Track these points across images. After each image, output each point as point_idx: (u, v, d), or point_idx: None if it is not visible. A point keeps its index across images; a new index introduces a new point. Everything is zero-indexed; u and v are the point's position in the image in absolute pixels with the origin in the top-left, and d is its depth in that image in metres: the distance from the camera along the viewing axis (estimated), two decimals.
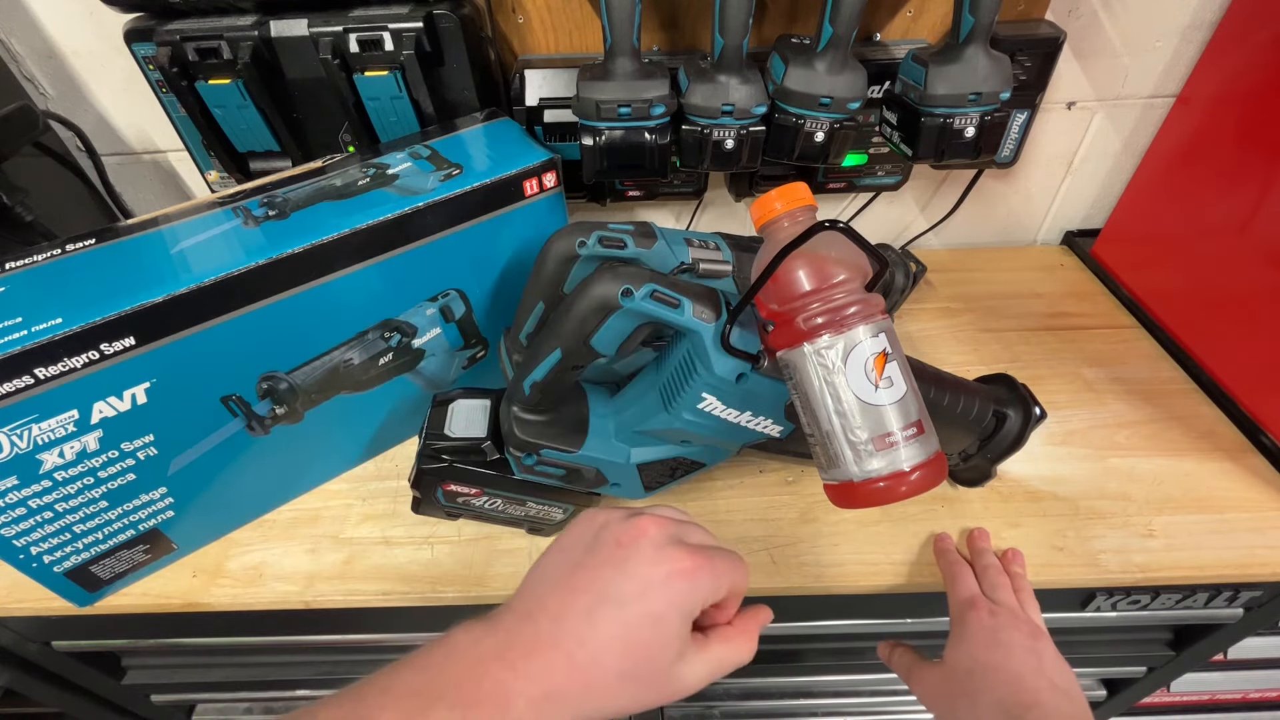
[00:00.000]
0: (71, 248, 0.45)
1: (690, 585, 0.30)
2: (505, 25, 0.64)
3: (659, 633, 0.29)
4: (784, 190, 0.37)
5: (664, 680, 0.30)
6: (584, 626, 0.29)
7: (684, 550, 0.31)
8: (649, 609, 0.29)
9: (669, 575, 0.30)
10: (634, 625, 0.29)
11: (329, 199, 0.49)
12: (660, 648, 0.30)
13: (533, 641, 0.29)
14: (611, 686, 0.29)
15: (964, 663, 0.46)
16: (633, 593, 0.29)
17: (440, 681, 0.28)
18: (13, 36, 0.66)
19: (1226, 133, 0.64)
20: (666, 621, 0.29)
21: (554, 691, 0.28)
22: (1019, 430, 0.51)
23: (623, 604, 0.29)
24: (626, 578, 0.30)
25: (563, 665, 0.28)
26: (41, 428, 0.41)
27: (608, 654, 0.29)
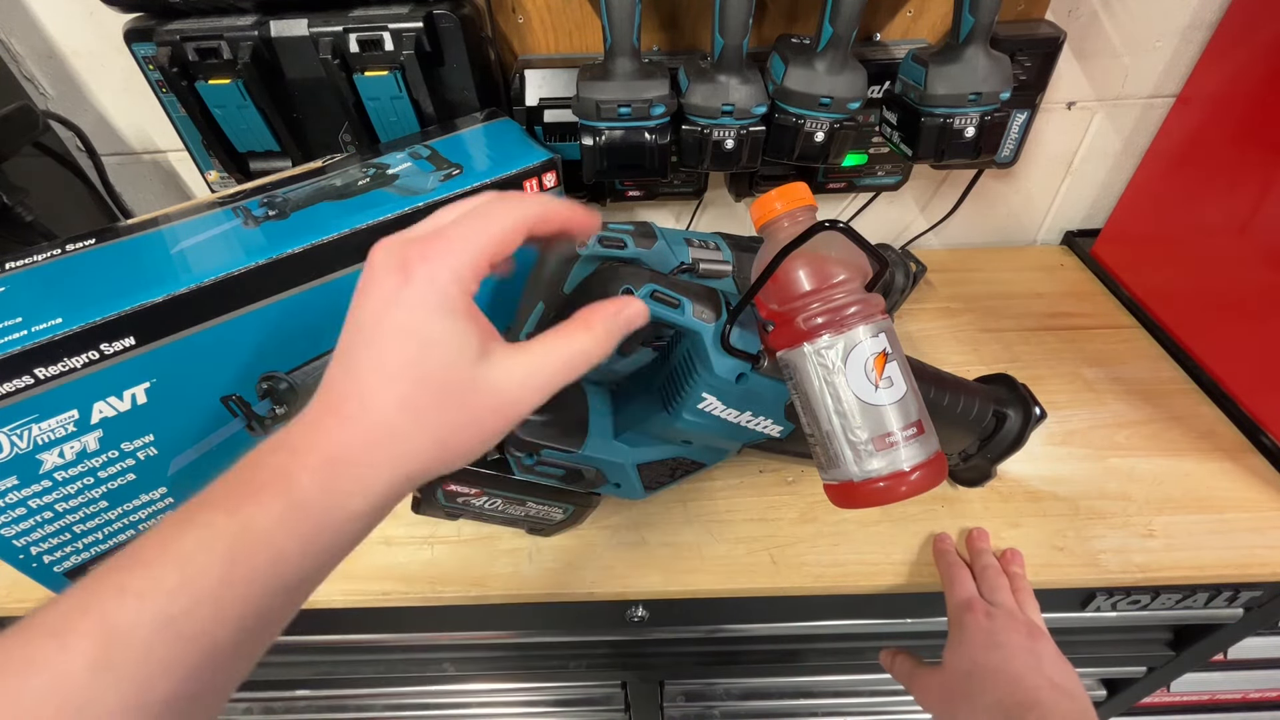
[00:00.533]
0: (71, 248, 0.45)
1: (426, 279, 0.25)
2: (505, 25, 0.64)
3: (421, 340, 0.25)
4: (784, 190, 0.37)
5: (469, 395, 0.26)
6: (344, 381, 0.25)
7: (403, 250, 0.26)
8: (394, 326, 0.25)
9: (395, 285, 0.25)
10: (387, 348, 0.25)
11: (329, 199, 0.49)
12: (435, 358, 0.25)
13: (302, 420, 0.25)
14: (399, 422, 0.25)
15: (963, 665, 0.45)
16: (370, 321, 0.25)
17: (214, 490, 0.24)
18: (13, 36, 0.66)
19: (1226, 133, 0.64)
20: (421, 326, 0.25)
21: (337, 454, 0.24)
22: (1019, 430, 0.51)
23: (369, 339, 0.25)
24: (363, 314, 0.26)
25: (335, 425, 0.25)
26: (41, 428, 0.41)
27: (374, 391, 0.25)
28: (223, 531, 0.23)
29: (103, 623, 0.21)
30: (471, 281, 0.26)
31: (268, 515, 0.23)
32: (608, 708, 0.79)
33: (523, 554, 0.54)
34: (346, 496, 0.24)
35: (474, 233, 0.26)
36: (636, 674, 0.72)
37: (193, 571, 0.22)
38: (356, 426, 0.25)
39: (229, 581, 0.22)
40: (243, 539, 0.23)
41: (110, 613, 0.21)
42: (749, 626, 0.62)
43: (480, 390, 0.26)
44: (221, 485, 0.24)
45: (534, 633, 0.63)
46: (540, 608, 0.57)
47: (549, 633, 0.63)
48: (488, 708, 0.80)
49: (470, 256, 0.26)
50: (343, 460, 0.24)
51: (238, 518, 0.23)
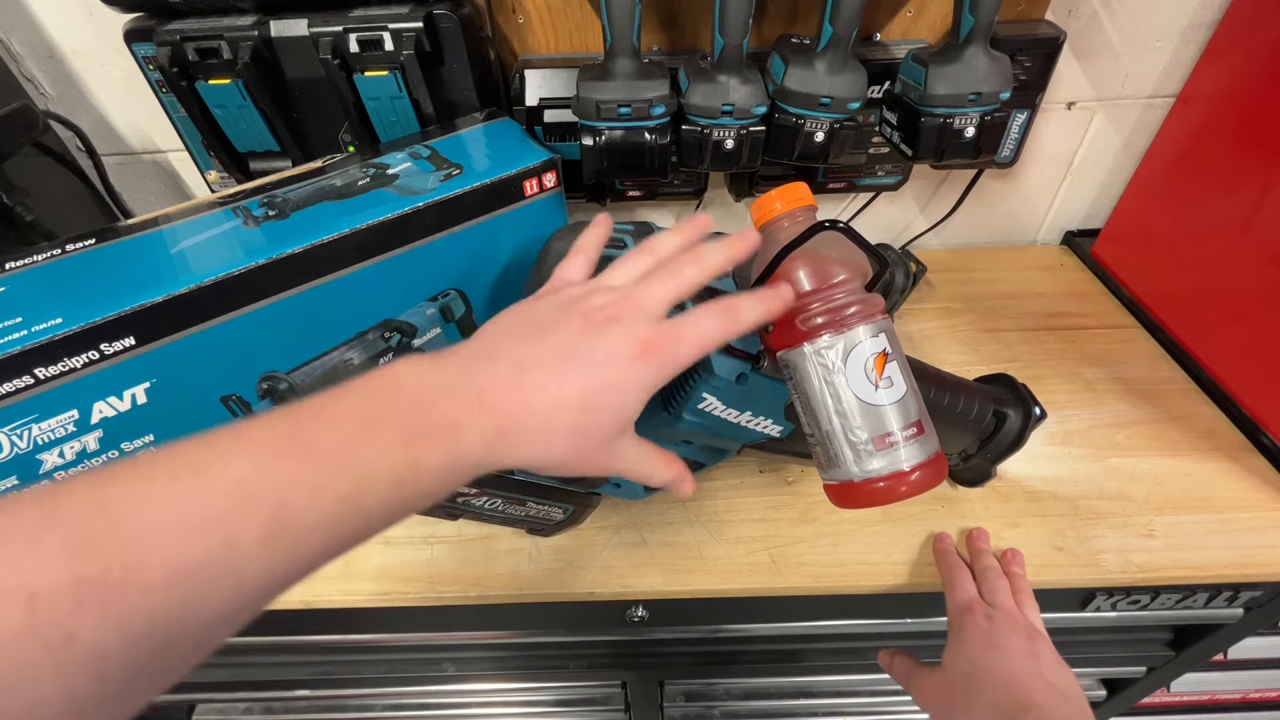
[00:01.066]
0: (71, 248, 0.45)
1: (656, 366, 0.30)
2: (505, 25, 0.64)
3: (616, 401, 0.30)
4: (784, 190, 0.37)
5: (603, 448, 0.31)
6: (549, 379, 0.29)
7: (655, 330, 0.31)
8: (614, 378, 0.29)
9: (635, 356, 0.30)
10: (597, 389, 0.29)
11: (329, 199, 0.49)
12: (613, 416, 0.30)
13: (490, 380, 0.29)
14: (560, 439, 0.29)
15: (961, 667, 0.46)
16: (601, 360, 0.29)
17: (382, 408, 0.27)
18: (13, 36, 0.66)
19: (1226, 133, 0.64)
20: (626, 394, 0.30)
21: (509, 431, 0.28)
22: (1019, 430, 0.51)
23: (591, 368, 0.29)
24: (596, 346, 0.30)
25: (521, 408, 0.28)
26: (41, 428, 0.41)
27: (566, 409, 0.29)
28: (395, 464, 0.26)
29: (280, 505, 0.23)
30: (665, 382, 0.31)
31: (434, 459, 0.26)
32: (608, 708, 0.79)
33: (523, 554, 0.54)
34: (492, 464, 0.28)
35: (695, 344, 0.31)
36: (636, 674, 0.72)
37: (363, 489, 0.25)
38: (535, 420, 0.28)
39: (386, 505, 0.26)
40: (408, 474, 0.26)
41: (287, 499, 0.23)
42: (749, 626, 0.62)
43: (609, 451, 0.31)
44: (400, 407, 0.27)
45: (534, 633, 0.63)
46: (540, 608, 0.57)
47: (549, 633, 0.63)
48: (488, 708, 0.80)
49: (688, 361, 0.31)
50: (509, 438, 0.28)
51: (410, 454, 0.26)
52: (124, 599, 0.20)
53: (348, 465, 0.25)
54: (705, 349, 0.31)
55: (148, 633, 0.20)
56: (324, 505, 0.24)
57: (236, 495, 0.23)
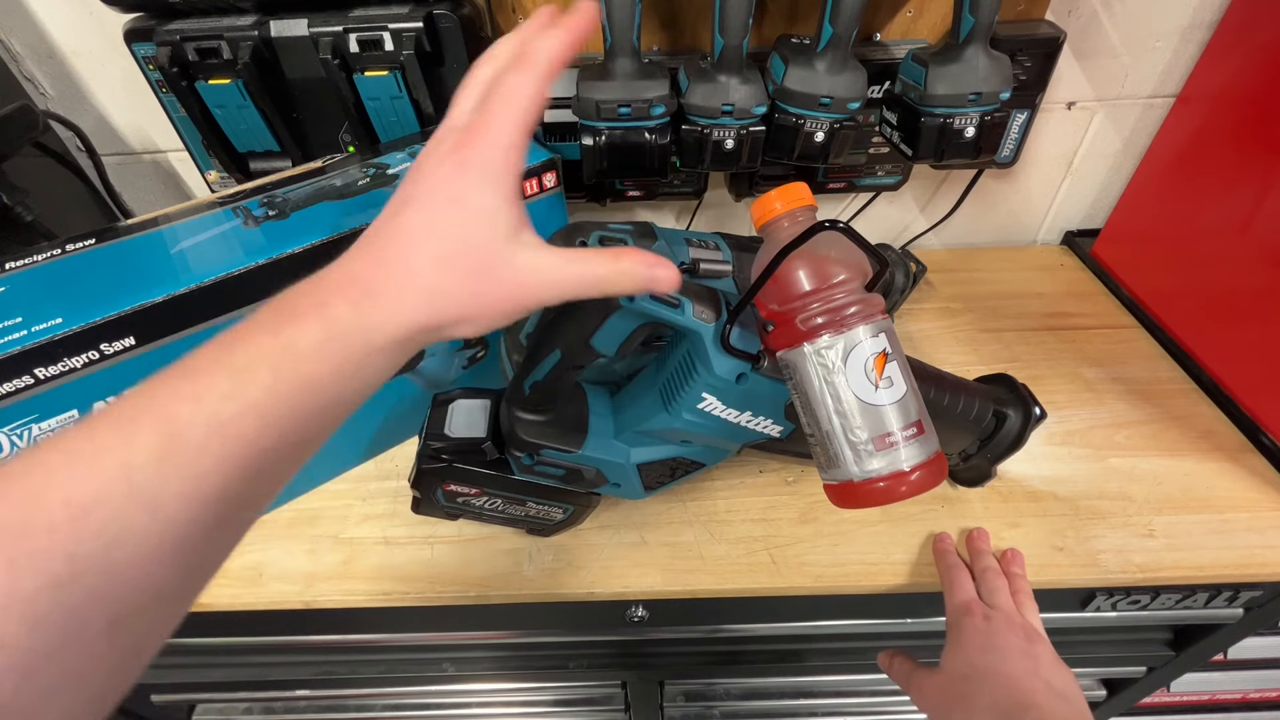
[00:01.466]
0: (71, 248, 0.45)
1: (476, 150, 0.28)
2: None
3: (466, 211, 0.28)
4: (784, 190, 0.37)
5: (493, 266, 0.28)
6: (389, 231, 0.28)
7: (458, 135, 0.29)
8: (447, 193, 0.28)
9: (451, 157, 0.28)
10: (435, 211, 0.28)
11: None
12: (473, 227, 0.28)
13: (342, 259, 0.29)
14: (429, 269, 0.27)
15: (960, 668, 0.46)
16: (429, 187, 0.28)
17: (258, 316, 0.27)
18: (13, 36, 0.66)
19: (1226, 133, 0.64)
20: (470, 198, 0.28)
21: (371, 288, 0.27)
22: (1019, 430, 0.51)
23: (419, 200, 0.28)
24: (421, 178, 0.29)
25: (373, 263, 0.28)
26: (41, 428, 0.41)
27: (415, 242, 0.28)
28: (268, 350, 0.25)
29: (164, 420, 0.23)
30: (516, 161, 0.29)
31: (306, 338, 0.26)
32: (608, 708, 0.79)
33: (523, 554, 0.54)
34: (374, 329, 0.27)
35: (510, 113, 0.28)
36: (636, 674, 0.72)
37: (242, 382, 0.24)
38: (395, 270, 0.27)
39: (273, 393, 0.25)
40: (285, 356, 0.25)
41: (170, 412, 0.23)
42: (749, 626, 0.62)
43: (507, 266, 0.28)
44: (266, 312, 0.27)
45: (534, 633, 0.63)
46: (540, 608, 0.57)
47: (549, 633, 0.63)
48: (488, 708, 0.80)
49: (512, 137, 0.28)
50: (375, 295, 0.27)
51: (281, 338, 0.26)
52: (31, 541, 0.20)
53: (223, 366, 0.25)
54: (518, 105, 0.28)
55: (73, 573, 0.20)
56: (208, 408, 0.23)
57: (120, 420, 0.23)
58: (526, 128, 0.29)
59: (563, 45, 0.29)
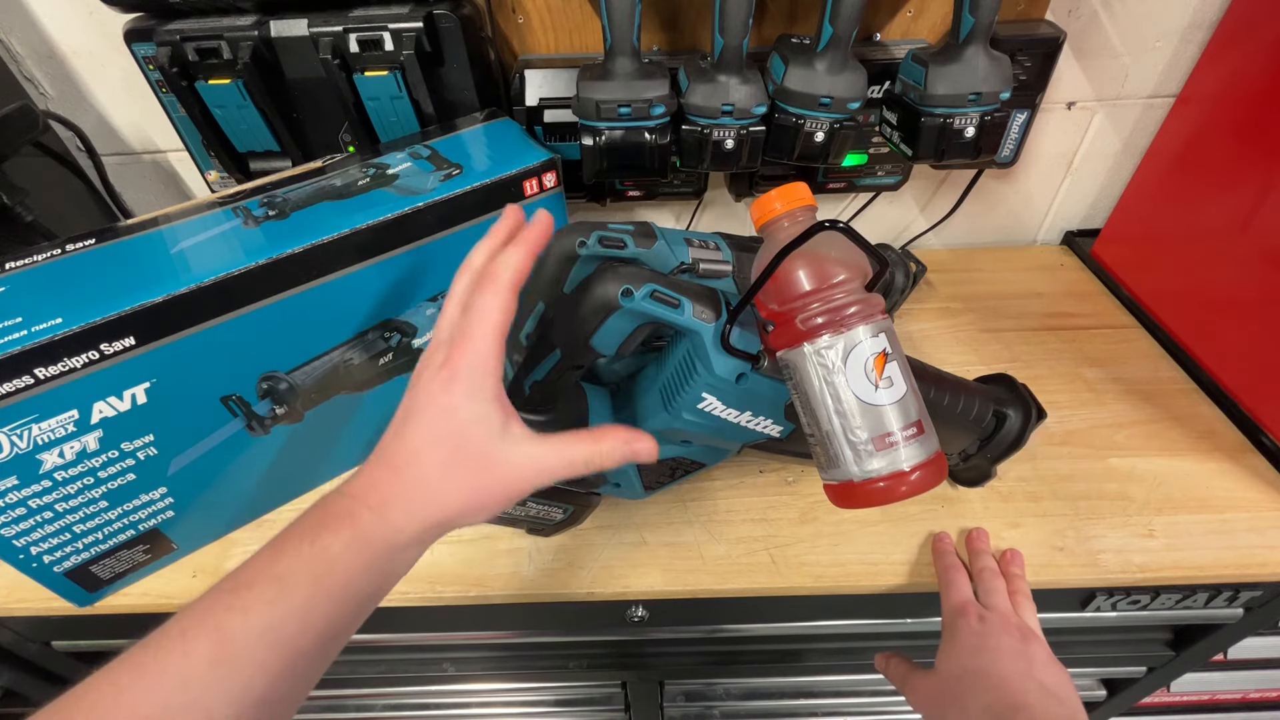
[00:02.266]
0: (71, 248, 0.45)
1: (463, 368, 0.32)
2: (505, 25, 0.64)
3: (459, 422, 0.32)
4: (784, 190, 0.37)
5: (492, 464, 0.33)
6: (397, 443, 0.33)
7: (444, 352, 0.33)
8: (440, 407, 0.32)
9: (445, 378, 0.33)
10: (434, 425, 0.32)
11: (329, 199, 0.49)
12: (469, 433, 0.32)
13: (359, 472, 0.33)
14: (438, 477, 0.32)
15: (954, 669, 0.46)
16: (424, 404, 0.33)
17: (292, 528, 0.31)
18: (13, 36, 0.66)
19: (1226, 133, 0.64)
20: (461, 410, 0.32)
21: (389, 497, 0.31)
22: (1019, 430, 0.51)
23: (420, 414, 0.33)
24: (417, 397, 0.33)
25: (388, 474, 0.32)
26: (41, 428, 0.41)
27: (421, 453, 0.32)
28: (307, 557, 0.30)
29: (217, 630, 0.27)
30: (495, 368, 0.33)
31: (339, 543, 0.30)
32: (608, 708, 0.79)
33: (523, 554, 0.54)
34: (396, 530, 0.31)
35: (485, 330, 0.33)
36: (636, 674, 0.72)
37: (285, 588, 0.29)
38: (406, 478, 0.32)
39: (313, 597, 0.29)
40: (321, 561, 0.30)
41: (223, 622, 0.27)
42: (749, 626, 0.62)
43: (502, 462, 0.33)
44: (303, 521, 0.31)
45: (534, 633, 0.63)
46: (540, 608, 0.57)
47: (549, 633, 0.63)
48: (488, 708, 0.80)
49: (489, 349, 0.33)
50: (393, 501, 0.31)
51: (317, 545, 0.30)
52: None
53: (268, 575, 0.29)
54: (490, 321, 0.33)
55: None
56: (256, 617, 0.28)
57: (181, 636, 0.27)
58: (500, 337, 0.33)
59: (523, 262, 0.34)
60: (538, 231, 0.35)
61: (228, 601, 0.28)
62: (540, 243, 0.35)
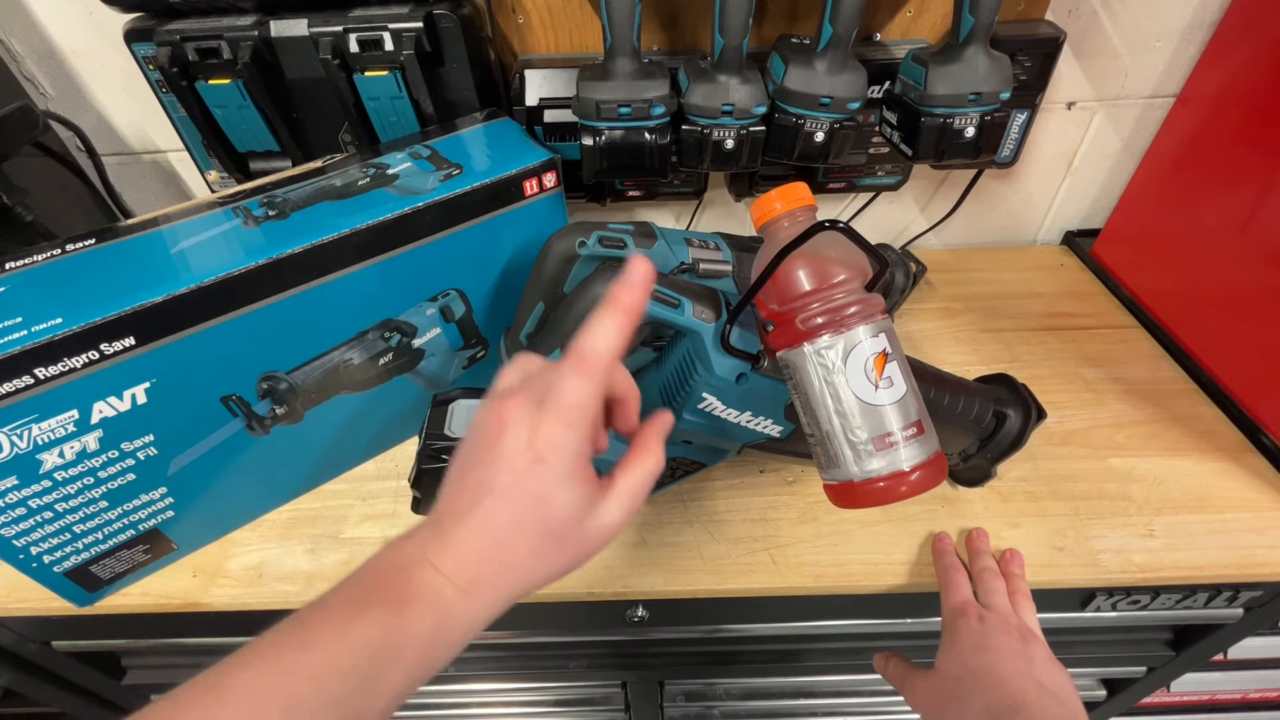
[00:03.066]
0: (71, 248, 0.45)
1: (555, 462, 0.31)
2: (505, 25, 0.64)
3: (547, 509, 0.31)
4: (784, 190, 0.37)
5: (579, 539, 0.32)
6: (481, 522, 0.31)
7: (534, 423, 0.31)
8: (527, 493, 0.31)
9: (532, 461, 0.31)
10: (521, 510, 0.31)
11: (329, 199, 0.49)
12: (556, 520, 0.31)
13: (443, 542, 0.31)
14: (527, 561, 0.31)
15: (953, 669, 0.46)
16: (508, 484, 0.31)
17: (370, 588, 0.30)
18: (13, 36, 0.66)
19: (1226, 133, 0.64)
20: (550, 498, 0.31)
21: (477, 579, 0.31)
22: (1019, 430, 0.51)
23: (503, 495, 0.31)
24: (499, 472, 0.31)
25: (475, 556, 0.31)
26: (41, 428, 0.41)
27: (510, 538, 0.31)
28: (389, 630, 0.29)
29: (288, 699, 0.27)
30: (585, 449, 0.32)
31: (423, 621, 0.29)
32: (608, 708, 0.79)
33: None
34: (478, 611, 0.31)
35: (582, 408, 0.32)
36: (636, 674, 0.72)
37: (358, 662, 0.28)
38: (494, 560, 0.31)
39: (388, 672, 0.29)
40: (402, 637, 0.29)
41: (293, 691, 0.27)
42: (749, 626, 0.62)
43: (588, 535, 0.32)
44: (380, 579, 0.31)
45: (534, 633, 0.63)
46: (540, 608, 0.57)
47: (549, 633, 0.63)
48: (488, 708, 0.80)
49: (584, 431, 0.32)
50: (482, 583, 0.31)
51: (400, 619, 0.29)
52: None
53: (343, 646, 0.28)
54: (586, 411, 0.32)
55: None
56: (329, 688, 0.27)
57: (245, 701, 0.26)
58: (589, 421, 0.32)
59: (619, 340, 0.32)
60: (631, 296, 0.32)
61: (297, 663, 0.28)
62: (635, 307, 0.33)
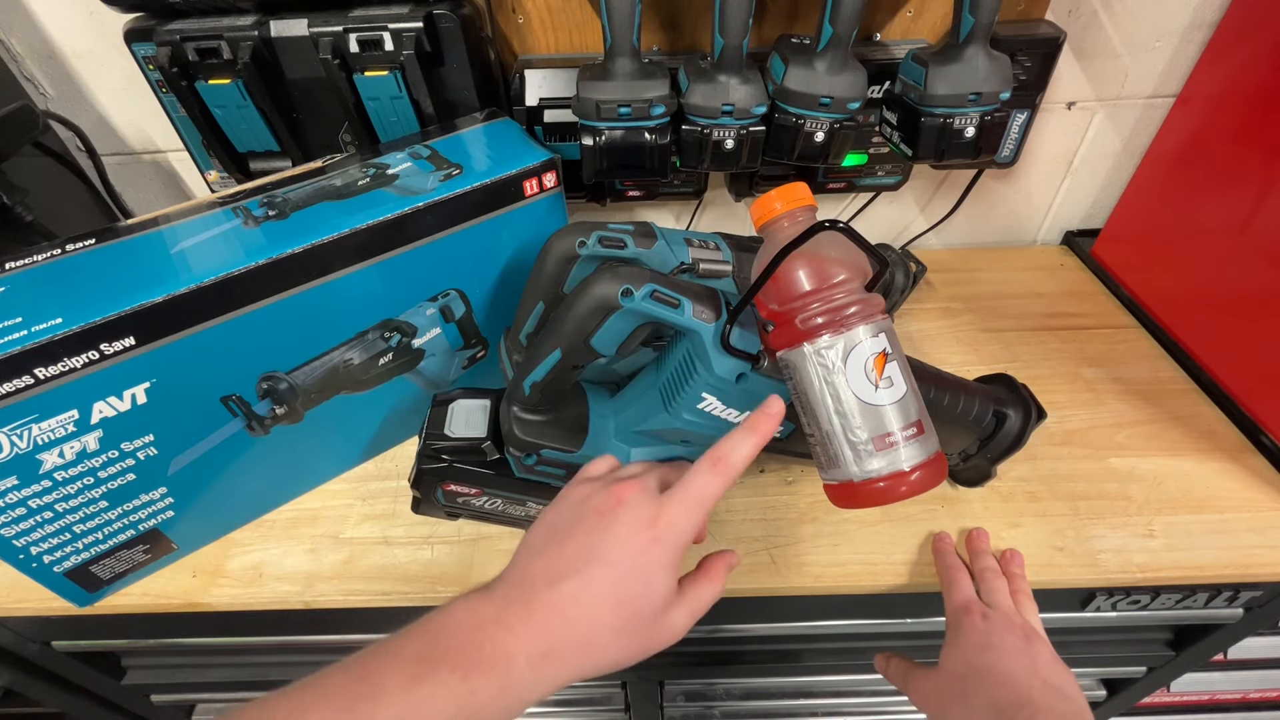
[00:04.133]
0: (71, 248, 0.45)
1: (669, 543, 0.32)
2: (505, 25, 0.64)
3: (648, 588, 0.31)
4: (784, 190, 0.37)
5: (652, 631, 0.32)
6: (578, 588, 0.31)
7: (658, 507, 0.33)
8: (636, 567, 0.31)
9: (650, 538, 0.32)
10: (623, 583, 0.31)
11: (329, 199, 0.49)
12: (648, 602, 0.32)
13: (528, 606, 0.31)
14: (606, 641, 0.31)
15: (957, 667, 0.46)
16: (620, 555, 0.31)
17: (441, 646, 0.30)
18: (13, 36, 0.66)
19: (1226, 133, 0.64)
20: (653, 578, 0.31)
21: (552, 649, 0.30)
22: (1019, 430, 0.51)
23: (611, 565, 0.31)
24: (612, 542, 0.31)
25: (559, 625, 0.30)
26: (41, 428, 0.41)
27: (601, 611, 0.31)
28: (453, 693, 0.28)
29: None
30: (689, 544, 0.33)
31: (489, 688, 0.29)
32: (608, 708, 0.79)
33: None
34: (546, 684, 0.30)
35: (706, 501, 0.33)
36: (636, 674, 0.72)
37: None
38: (575, 632, 0.31)
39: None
40: (468, 703, 0.28)
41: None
42: (749, 626, 0.62)
43: (660, 630, 0.33)
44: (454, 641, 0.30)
45: None
46: None
47: None
48: None
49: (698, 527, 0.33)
50: (556, 656, 0.30)
51: (467, 685, 0.29)
52: None
53: (411, 703, 0.28)
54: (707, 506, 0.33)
55: None
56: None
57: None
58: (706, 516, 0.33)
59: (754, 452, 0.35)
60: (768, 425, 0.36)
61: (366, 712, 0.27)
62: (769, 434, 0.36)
